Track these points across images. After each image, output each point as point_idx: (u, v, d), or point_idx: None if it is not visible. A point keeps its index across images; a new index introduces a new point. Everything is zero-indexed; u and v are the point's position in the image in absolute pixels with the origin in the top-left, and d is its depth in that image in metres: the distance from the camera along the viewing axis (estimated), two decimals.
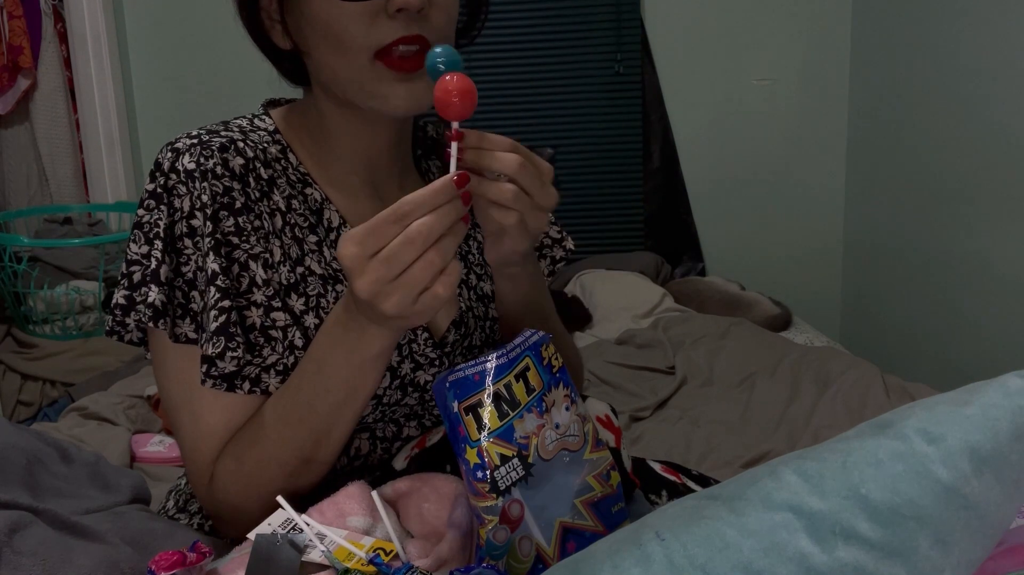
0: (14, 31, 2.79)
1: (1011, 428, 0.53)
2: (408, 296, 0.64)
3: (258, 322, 0.79)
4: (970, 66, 2.12)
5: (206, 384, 0.77)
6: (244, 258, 0.78)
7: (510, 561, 0.65)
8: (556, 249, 1.00)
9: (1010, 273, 2.01)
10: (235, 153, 0.80)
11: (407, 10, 0.75)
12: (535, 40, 2.83)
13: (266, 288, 0.79)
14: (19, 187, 2.95)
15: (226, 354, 0.76)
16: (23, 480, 0.79)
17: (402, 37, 0.75)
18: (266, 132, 0.85)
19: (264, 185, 0.81)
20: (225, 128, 0.83)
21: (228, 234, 0.78)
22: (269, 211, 0.81)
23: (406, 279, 0.64)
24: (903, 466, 0.51)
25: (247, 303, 0.78)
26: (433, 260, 0.64)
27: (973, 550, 0.52)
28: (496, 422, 0.65)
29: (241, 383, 0.78)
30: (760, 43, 2.78)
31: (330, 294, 0.82)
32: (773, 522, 0.50)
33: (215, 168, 0.78)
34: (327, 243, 0.84)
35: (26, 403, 2.28)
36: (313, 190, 0.85)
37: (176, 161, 0.78)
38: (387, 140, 0.87)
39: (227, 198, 0.78)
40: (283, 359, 0.79)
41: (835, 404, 1.71)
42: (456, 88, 0.67)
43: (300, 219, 0.83)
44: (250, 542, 0.66)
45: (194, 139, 0.79)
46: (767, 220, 2.84)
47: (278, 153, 0.85)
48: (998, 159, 2.03)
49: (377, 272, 0.63)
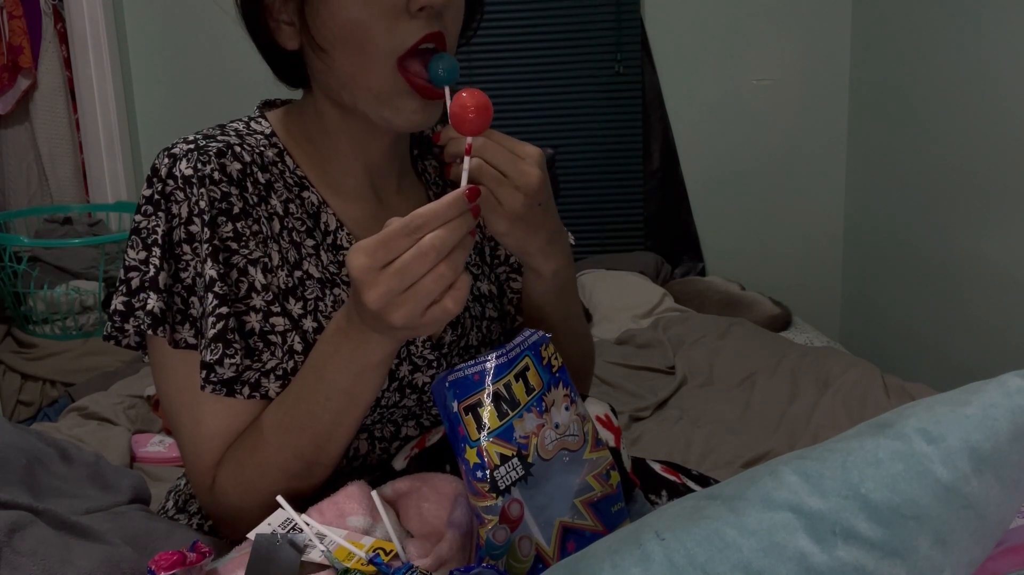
0: (14, 31, 2.79)
1: (1011, 428, 0.53)
2: (418, 308, 0.65)
3: (257, 327, 0.78)
4: (970, 65, 2.12)
5: (206, 389, 0.77)
6: (243, 263, 0.78)
7: (510, 561, 0.65)
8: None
9: (1010, 272, 2.01)
10: (232, 158, 0.80)
11: (429, 8, 0.75)
12: (535, 40, 2.83)
13: (265, 293, 0.79)
14: (19, 187, 2.95)
15: (224, 360, 0.76)
16: (23, 480, 0.79)
17: (425, 35, 0.75)
18: (263, 135, 0.85)
19: (262, 190, 0.81)
20: (222, 132, 0.83)
21: (227, 239, 0.78)
22: (267, 215, 0.81)
23: (417, 291, 0.64)
24: (903, 466, 0.51)
25: (246, 308, 0.78)
26: (444, 273, 0.64)
27: (973, 550, 0.52)
28: (496, 422, 0.65)
29: (241, 388, 0.78)
30: (760, 43, 2.78)
31: (328, 298, 0.82)
32: (773, 522, 0.50)
33: (212, 174, 0.78)
34: (324, 247, 0.84)
35: (26, 403, 2.28)
36: (310, 193, 0.85)
37: (173, 167, 0.78)
38: (386, 143, 0.86)
39: (225, 203, 0.78)
40: (282, 364, 0.79)
41: (835, 404, 1.71)
42: (473, 104, 0.69)
43: (297, 223, 0.83)
44: (250, 542, 0.66)
45: (191, 144, 0.79)
46: (767, 220, 2.84)
47: (275, 156, 0.84)
48: (998, 159, 2.03)
49: (388, 284, 0.64)
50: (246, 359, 0.77)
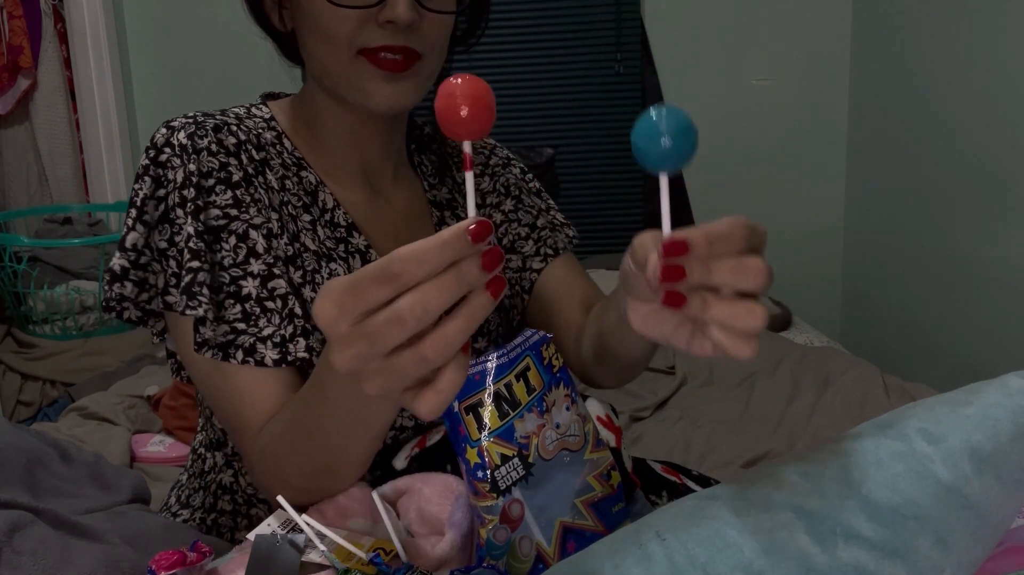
0: (14, 31, 2.79)
1: (1011, 428, 0.53)
2: (394, 386, 0.48)
3: (254, 292, 0.78)
4: (970, 65, 2.12)
5: (202, 352, 0.76)
6: (243, 228, 0.78)
7: (510, 561, 0.65)
8: (563, 231, 1.00)
9: (1010, 272, 2.01)
10: (228, 134, 0.82)
11: (396, 23, 0.75)
12: (535, 40, 2.83)
13: (267, 255, 0.79)
14: (19, 187, 2.95)
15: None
16: (23, 480, 0.79)
17: (387, 45, 0.76)
18: (262, 119, 0.87)
19: (257, 165, 0.82)
20: (221, 113, 0.85)
21: (226, 206, 0.78)
22: (264, 187, 0.82)
23: (393, 367, 0.47)
24: (903, 466, 0.51)
25: (244, 273, 0.78)
26: (427, 357, 0.46)
27: (973, 550, 0.52)
28: (496, 422, 0.65)
29: (235, 352, 0.77)
30: (760, 43, 2.78)
31: (324, 270, 0.82)
32: (773, 522, 0.50)
33: (210, 146, 0.79)
34: (321, 223, 0.84)
35: (26, 403, 2.28)
36: (308, 173, 0.86)
37: (171, 136, 0.79)
38: (379, 132, 0.87)
39: (223, 172, 0.79)
40: (280, 330, 0.78)
41: (835, 404, 1.71)
42: (464, 94, 0.47)
43: (294, 198, 0.84)
44: (250, 542, 0.66)
45: (190, 119, 0.81)
46: (767, 220, 2.79)
47: (273, 139, 0.86)
48: (998, 158, 2.03)
49: (357, 347, 0.47)
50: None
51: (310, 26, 0.79)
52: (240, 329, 0.77)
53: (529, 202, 0.99)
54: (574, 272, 0.98)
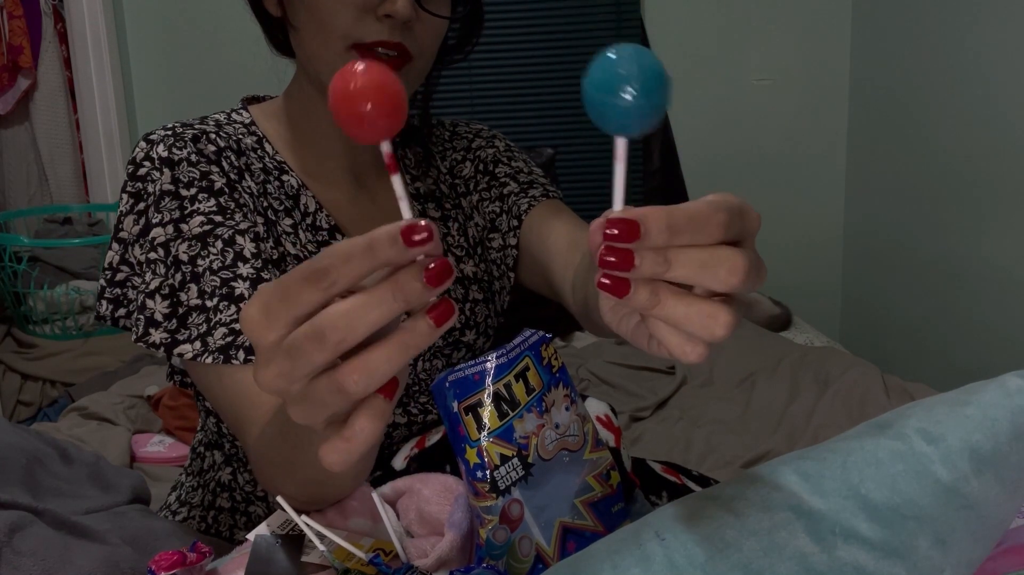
0: (14, 31, 2.79)
1: (1011, 428, 0.53)
2: (316, 417, 0.40)
3: (247, 294, 0.78)
4: (970, 65, 2.12)
5: (203, 358, 0.76)
6: (230, 234, 0.78)
7: (510, 561, 0.65)
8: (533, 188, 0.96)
9: (1010, 272, 2.01)
10: (207, 143, 0.82)
11: (394, 18, 0.75)
12: (535, 40, 2.83)
13: (255, 260, 0.79)
14: (19, 187, 2.95)
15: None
16: (23, 480, 0.80)
17: (383, 41, 0.76)
18: (242, 125, 0.87)
19: (236, 173, 0.83)
20: (200, 121, 0.85)
21: (210, 213, 0.78)
22: (248, 192, 0.82)
23: (311, 395, 0.40)
24: (903, 466, 0.51)
25: (234, 275, 0.78)
26: (343, 386, 0.38)
27: (973, 550, 0.52)
28: (496, 422, 0.65)
29: (236, 353, 0.76)
30: (760, 43, 2.78)
31: None
32: (773, 522, 0.50)
33: (189, 156, 0.80)
34: (303, 226, 0.85)
35: (26, 403, 2.28)
36: (289, 177, 0.86)
37: (150, 150, 0.80)
38: None
39: (205, 181, 0.79)
40: None
41: (835, 404, 1.71)
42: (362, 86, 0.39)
43: (275, 202, 0.84)
44: (250, 542, 0.66)
45: (168, 131, 0.82)
46: (767, 220, 2.81)
47: (254, 144, 0.86)
48: (998, 158, 2.03)
49: (278, 364, 0.39)
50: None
51: (306, 13, 0.79)
52: (239, 330, 0.77)
53: (502, 171, 0.96)
54: (552, 220, 0.89)
